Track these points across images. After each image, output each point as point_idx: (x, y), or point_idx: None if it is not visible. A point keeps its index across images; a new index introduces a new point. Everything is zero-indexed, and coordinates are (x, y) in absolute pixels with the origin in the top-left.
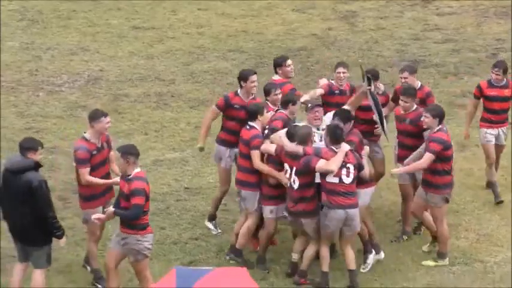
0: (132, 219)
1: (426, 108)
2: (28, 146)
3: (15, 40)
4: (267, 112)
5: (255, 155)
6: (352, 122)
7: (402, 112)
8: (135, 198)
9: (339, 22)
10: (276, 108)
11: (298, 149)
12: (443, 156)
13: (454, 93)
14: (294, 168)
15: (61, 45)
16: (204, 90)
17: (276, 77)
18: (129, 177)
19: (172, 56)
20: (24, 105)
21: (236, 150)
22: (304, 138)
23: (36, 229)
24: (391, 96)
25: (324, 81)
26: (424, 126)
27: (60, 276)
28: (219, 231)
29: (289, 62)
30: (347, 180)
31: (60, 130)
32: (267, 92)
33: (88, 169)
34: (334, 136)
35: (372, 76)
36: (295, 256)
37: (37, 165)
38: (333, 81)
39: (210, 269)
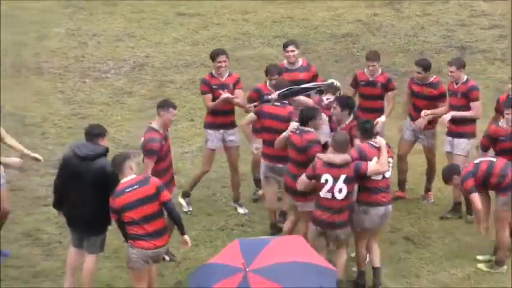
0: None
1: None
2: (97, 132)
3: (61, 26)
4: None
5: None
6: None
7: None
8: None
9: (385, 8)
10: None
11: (346, 157)
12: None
13: (501, 80)
14: (343, 177)
15: (107, 31)
16: (249, 76)
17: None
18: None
19: (218, 42)
20: (70, 92)
21: (223, 131)
22: (344, 145)
23: (99, 216)
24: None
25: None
26: None
27: (107, 262)
28: (190, 209)
29: (220, 58)
30: (388, 175)
31: (107, 116)
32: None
33: (154, 160)
34: (365, 131)
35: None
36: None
37: (107, 151)
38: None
39: (269, 238)
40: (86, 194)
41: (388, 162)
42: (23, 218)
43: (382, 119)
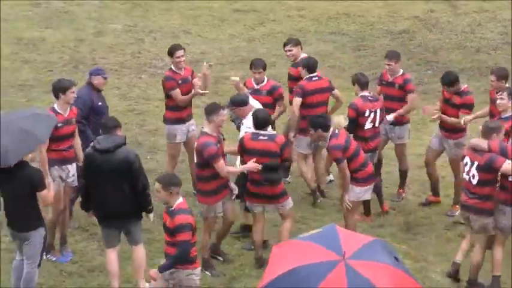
0: (184, 259)
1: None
2: (114, 124)
3: (118, 23)
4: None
5: None
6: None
7: None
8: (181, 234)
9: (441, 4)
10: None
11: (483, 143)
12: None
13: None
14: (476, 163)
15: (163, 28)
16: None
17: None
18: (172, 209)
19: (273, 38)
20: (126, 88)
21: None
22: (489, 133)
23: (133, 204)
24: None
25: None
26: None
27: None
28: None
29: (179, 53)
30: None
31: (162, 112)
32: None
33: (223, 161)
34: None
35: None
36: (459, 257)
37: (125, 140)
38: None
39: (328, 228)
40: (115, 186)
41: None
42: (79, 212)
43: (389, 117)
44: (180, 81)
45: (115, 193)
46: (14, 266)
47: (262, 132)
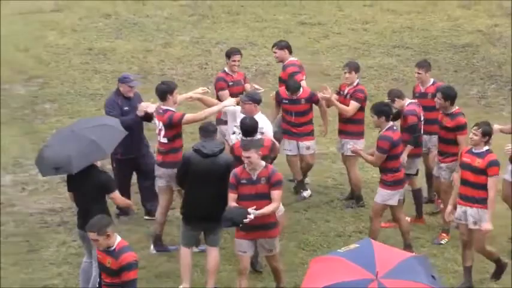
0: None
1: None
2: (213, 128)
3: (186, 34)
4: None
5: None
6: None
7: None
8: (129, 273)
9: (505, 18)
10: None
11: None
12: None
13: None
14: None
15: (230, 39)
16: (369, 85)
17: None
18: (113, 249)
19: (338, 51)
20: None
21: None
22: None
23: (221, 208)
24: None
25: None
26: None
27: (227, 264)
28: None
29: (236, 57)
30: None
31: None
32: None
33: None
34: None
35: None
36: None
37: None
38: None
39: (363, 244)
40: (211, 189)
41: None
42: (146, 220)
43: (403, 157)
44: (230, 83)
45: (210, 195)
46: (82, 269)
47: (249, 139)
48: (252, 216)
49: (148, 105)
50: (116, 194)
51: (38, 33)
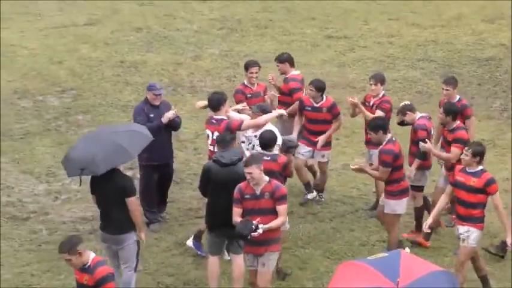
0: None
1: None
2: (230, 138)
3: (215, 48)
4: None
5: None
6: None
7: None
8: (106, 285)
9: None
10: None
11: None
12: None
13: None
14: None
15: (258, 52)
16: (393, 98)
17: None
18: (88, 266)
19: (363, 64)
20: None
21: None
22: None
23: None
24: None
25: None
26: None
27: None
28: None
29: (253, 69)
30: None
31: None
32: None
33: None
34: None
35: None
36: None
37: None
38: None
39: (393, 254)
40: (231, 198)
41: None
42: (176, 228)
43: (411, 169)
44: (249, 95)
45: (230, 203)
46: None
47: (266, 152)
48: (260, 231)
49: (173, 113)
50: (133, 199)
51: (71, 46)
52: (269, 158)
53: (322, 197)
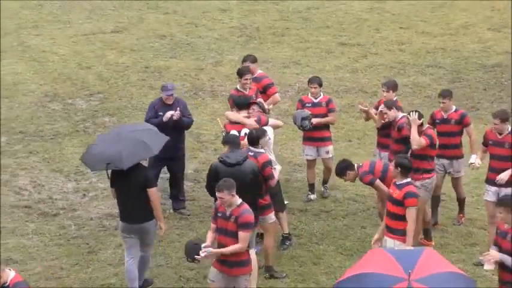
0: None
1: None
2: (238, 141)
3: (234, 54)
4: None
5: None
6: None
7: None
8: None
9: None
10: None
11: None
12: None
13: None
14: None
15: (275, 59)
16: (403, 102)
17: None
18: (7, 286)
19: (375, 70)
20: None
21: None
22: None
23: (253, 210)
24: None
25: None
26: None
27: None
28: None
29: (247, 76)
30: None
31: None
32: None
33: None
34: None
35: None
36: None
37: None
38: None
39: (418, 249)
40: (241, 195)
41: None
42: (196, 224)
43: (472, 159)
44: None
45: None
46: (127, 268)
47: (252, 148)
48: (203, 255)
49: (173, 113)
50: (154, 189)
51: (99, 52)
52: (253, 154)
53: (326, 188)
